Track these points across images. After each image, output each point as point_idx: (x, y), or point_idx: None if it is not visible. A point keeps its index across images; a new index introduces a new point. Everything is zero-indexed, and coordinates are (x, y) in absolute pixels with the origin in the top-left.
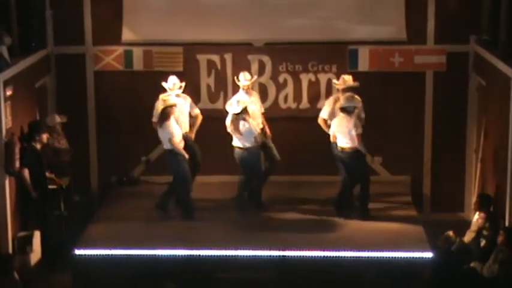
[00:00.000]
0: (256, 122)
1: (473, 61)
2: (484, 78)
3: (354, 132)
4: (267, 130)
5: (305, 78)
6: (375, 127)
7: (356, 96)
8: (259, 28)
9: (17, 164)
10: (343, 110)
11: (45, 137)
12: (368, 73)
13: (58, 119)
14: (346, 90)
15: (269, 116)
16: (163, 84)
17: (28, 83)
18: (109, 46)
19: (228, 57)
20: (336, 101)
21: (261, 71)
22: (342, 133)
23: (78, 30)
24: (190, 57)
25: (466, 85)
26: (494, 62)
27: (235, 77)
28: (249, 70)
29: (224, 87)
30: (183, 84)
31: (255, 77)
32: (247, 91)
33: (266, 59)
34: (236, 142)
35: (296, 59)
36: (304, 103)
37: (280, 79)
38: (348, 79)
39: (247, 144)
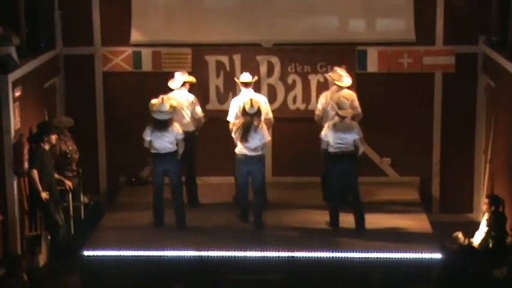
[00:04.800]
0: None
1: (482, 62)
2: (493, 79)
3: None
4: None
5: (314, 79)
6: (383, 128)
7: (346, 94)
8: (268, 29)
9: (26, 165)
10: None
11: (53, 137)
12: (377, 74)
13: (65, 121)
14: (339, 87)
15: (278, 116)
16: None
17: (37, 83)
18: (118, 47)
19: (236, 58)
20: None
21: (269, 72)
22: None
23: (87, 31)
24: (199, 58)
25: (474, 86)
26: (503, 63)
27: (240, 81)
28: (257, 71)
29: (233, 88)
30: (187, 78)
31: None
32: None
33: (275, 59)
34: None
35: (305, 60)
36: (313, 104)
37: (289, 80)
38: (341, 73)
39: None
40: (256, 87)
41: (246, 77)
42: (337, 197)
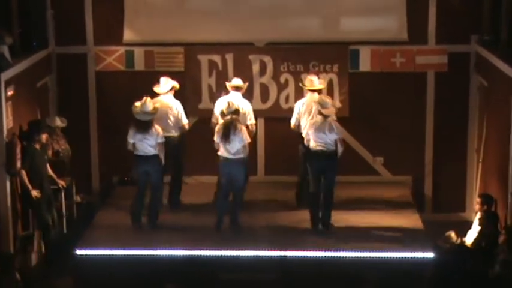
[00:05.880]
0: None
1: (474, 61)
2: (486, 78)
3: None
4: None
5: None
6: (376, 127)
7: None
8: (261, 28)
9: (18, 164)
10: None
11: (44, 137)
12: (369, 73)
13: (59, 122)
14: (312, 91)
15: (270, 116)
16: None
17: (29, 82)
18: (110, 46)
19: (229, 57)
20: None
21: (262, 71)
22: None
23: (80, 30)
24: (192, 58)
25: (467, 85)
26: (496, 62)
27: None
28: (250, 70)
29: (225, 88)
30: (173, 83)
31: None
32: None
33: (267, 59)
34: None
35: (297, 59)
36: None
37: (282, 79)
38: (312, 78)
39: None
40: (249, 87)
41: (237, 81)
42: (314, 196)
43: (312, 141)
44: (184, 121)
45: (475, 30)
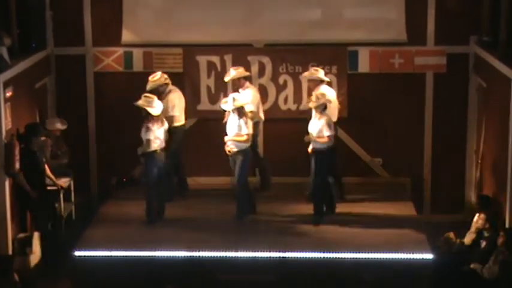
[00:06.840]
0: None
1: (473, 62)
2: (484, 79)
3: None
4: None
5: (305, 80)
6: (374, 128)
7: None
8: (259, 29)
9: (17, 165)
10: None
11: (42, 139)
12: (368, 74)
13: (59, 125)
14: (311, 81)
15: (269, 117)
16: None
17: (28, 84)
18: (109, 47)
19: (228, 58)
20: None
21: (261, 72)
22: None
23: (78, 31)
24: (190, 58)
25: (466, 86)
26: (495, 63)
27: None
28: (249, 71)
29: (224, 88)
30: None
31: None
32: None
33: (266, 60)
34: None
35: (296, 60)
36: (304, 104)
37: (280, 80)
38: (316, 71)
39: None
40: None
41: (234, 74)
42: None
43: (326, 139)
44: None
45: (473, 31)
